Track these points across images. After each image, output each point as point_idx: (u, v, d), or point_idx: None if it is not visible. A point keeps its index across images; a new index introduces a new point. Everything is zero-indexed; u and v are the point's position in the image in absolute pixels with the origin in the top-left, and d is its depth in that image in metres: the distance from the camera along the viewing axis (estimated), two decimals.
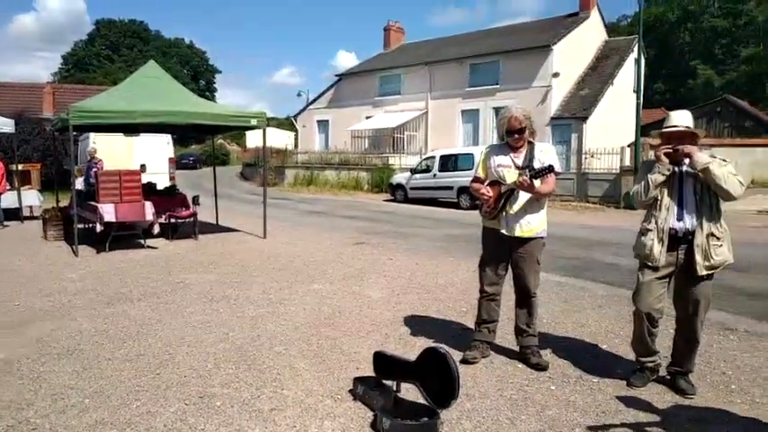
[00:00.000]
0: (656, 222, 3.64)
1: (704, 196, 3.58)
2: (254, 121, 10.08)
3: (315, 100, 34.30)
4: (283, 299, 6.08)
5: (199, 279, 7.10)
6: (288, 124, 47.70)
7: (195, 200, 10.95)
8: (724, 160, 3.58)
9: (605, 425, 3.28)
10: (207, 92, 69.95)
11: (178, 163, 25.40)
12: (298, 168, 29.64)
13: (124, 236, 9.61)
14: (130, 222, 9.49)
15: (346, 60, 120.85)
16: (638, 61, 21.15)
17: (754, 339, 4.81)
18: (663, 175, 3.61)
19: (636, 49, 22.67)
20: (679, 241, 3.61)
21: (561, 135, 23.68)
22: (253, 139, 47.94)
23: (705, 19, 58.07)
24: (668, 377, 3.85)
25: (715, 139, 25.19)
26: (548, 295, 6.11)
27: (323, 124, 33.16)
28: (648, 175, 3.65)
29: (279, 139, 44.07)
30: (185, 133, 16.59)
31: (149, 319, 5.36)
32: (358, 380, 3.64)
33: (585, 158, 21.37)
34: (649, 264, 3.67)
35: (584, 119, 23.01)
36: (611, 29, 31.51)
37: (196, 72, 74.08)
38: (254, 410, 3.42)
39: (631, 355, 4.02)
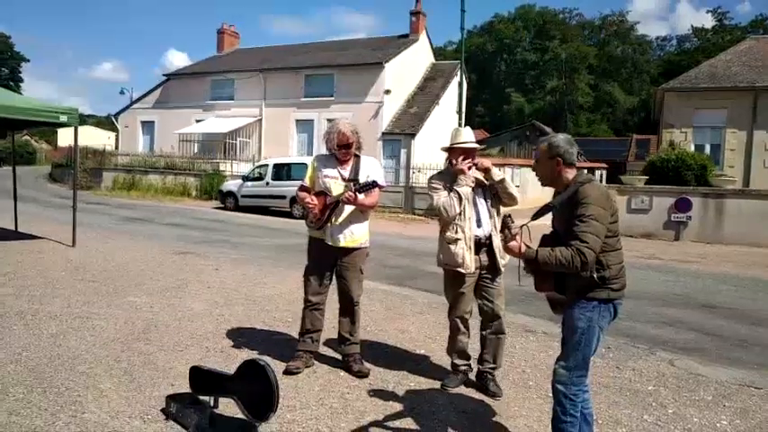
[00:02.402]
0: (464, 231, 3.93)
1: (493, 203, 4.04)
2: (63, 117, 9.10)
3: (139, 99, 32.08)
4: (91, 313, 5.54)
5: None
6: (108, 123, 44.04)
7: None
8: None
9: (418, 425, 3.44)
10: (10, 81, 61.99)
11: None
12: (118, 171, 27.36)
13: None
14: None
15: (177, 60, 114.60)
16: (460, 85, 22.83)
17: (549, 340, 5.36)
18: (469, 186, 3.93)
19: (459, 73, 24.46)
20: (480, 246, 3.96)
21: (392, 150, 24.71)
22: (65, 138, 43.54)
23: (518, 52, 64.61)
24: (478, 380, 4.12)
25: (523, 160, 28.04)
26: (373, 303, 6.29)
27: (148, 125, 31.09)
28: (458, 189, 3.92)
29: (98, 138, 40.50)
30: None
31: None
32: (171, 397, 3.42)
33: (413, 173, 22.49)
34: (462, 271, 3.93)
35: (413, 135, 24.28)
36: (438, 53, 33.71)
37: None
38: None
39: (447, 359, 4.27)
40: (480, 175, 3.98)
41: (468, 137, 4.04)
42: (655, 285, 8.47)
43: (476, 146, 4.05)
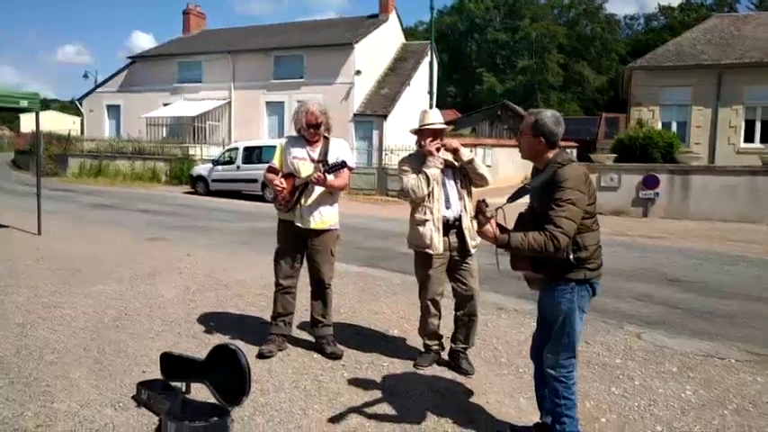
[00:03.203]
0: (432, 213, 3.94)
1: (463, 184, 4.03)
2: (24, 103, 8.84)
3: (104, 82, 31.23)
4: (59, 302, 5.44)
5: None
6: (73, 108, 42.84)
7: None
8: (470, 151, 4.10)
9: (392, 404, 3.47)
10: None
11: None
12: (84, 157, 26.72)
13: None
14: None
15: (143, 42, 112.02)
16: (431, 65, 22.75)
17: (521, 317, 5.45)
18: (438, 168, 3.92)
19: (429, 53, 24.36)
20: (449, 227, 3.96)
21: (364, 131, 24.58)
22: (28, 123, 42.32)
23: (489, 31, 64.50)
24: (450, 359, 4.16)
25: (495, 140, 28.20)
26: (346, 285, 6.30)
27: (114, 109, 30.34)
28: (426, 170, 3.92)
29: (62, 123, 39.58)
30: None
31: None
32: (143, 384, 3.39)
33: (386, 154, 22.45)
34: (431, 252, 3.94)
35: (385, 116, 24.17)
36: (409, 33, 33.48)
37: None
38: (16, 429, 3.01)
39: (420, 339, 4.30)
40: (449, 156, 3.98)
41: (435, 118, 4.03)
42: (624, 261, 8.63)
43: (444, 127, 4.04)
